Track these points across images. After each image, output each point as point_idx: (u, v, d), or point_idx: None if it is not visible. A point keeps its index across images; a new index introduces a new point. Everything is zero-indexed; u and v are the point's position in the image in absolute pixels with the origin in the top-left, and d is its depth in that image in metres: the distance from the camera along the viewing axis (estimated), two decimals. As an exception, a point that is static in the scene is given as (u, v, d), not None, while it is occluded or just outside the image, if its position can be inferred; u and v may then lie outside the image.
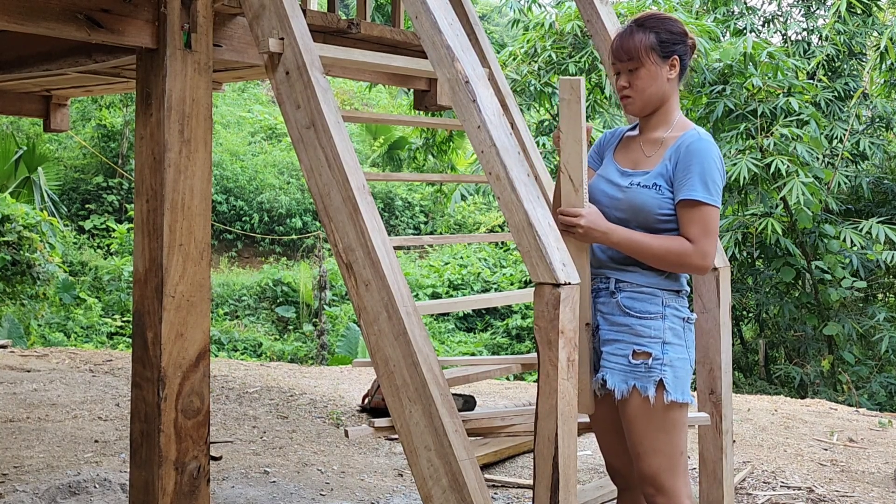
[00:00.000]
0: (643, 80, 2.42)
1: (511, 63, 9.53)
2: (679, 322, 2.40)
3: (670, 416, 2.36)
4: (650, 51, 2.41)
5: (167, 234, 2.99)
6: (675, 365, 2.36)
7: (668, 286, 2.40)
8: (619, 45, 2.46)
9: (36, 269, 10.58)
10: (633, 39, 2.43)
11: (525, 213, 2.27)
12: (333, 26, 3.73)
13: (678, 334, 2.39)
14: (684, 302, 2.44)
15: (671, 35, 2.44)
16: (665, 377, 2.34)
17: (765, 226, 8.33)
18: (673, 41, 2.44)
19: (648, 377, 2.34)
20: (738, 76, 8.71)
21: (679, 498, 2.38)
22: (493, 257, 17.89)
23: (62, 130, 5.54)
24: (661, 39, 2.42)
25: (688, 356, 2.41)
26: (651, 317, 2.37)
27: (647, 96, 2.44)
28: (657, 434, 2.36)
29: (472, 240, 3.77)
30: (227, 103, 21.99)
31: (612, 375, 2.39)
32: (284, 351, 15.40)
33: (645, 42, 2.42)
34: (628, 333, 2.38)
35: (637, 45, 2.42)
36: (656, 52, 2.42)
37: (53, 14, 2.87)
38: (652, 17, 2.48)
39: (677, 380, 2.36)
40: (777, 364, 10.07)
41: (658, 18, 2.47)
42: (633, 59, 2.42)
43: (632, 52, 2.42)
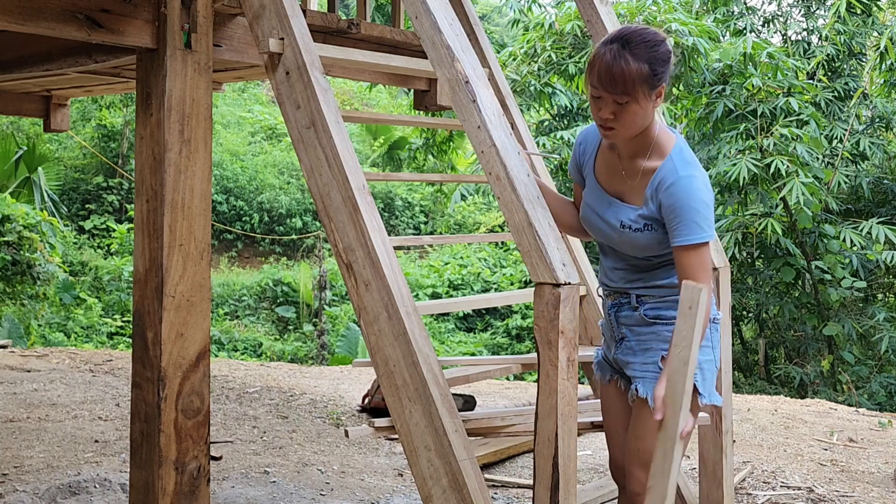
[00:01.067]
0: (633, 115, 2.22)
1: (511, 63, 9.53)
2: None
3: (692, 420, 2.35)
4: (643, 84, 2.19)
5: (167, 234, 2.99)
6: (703, 367, 2.34)
7: None
8: (610, 73, 2.19)
9: (36, 269, 10.58)
10: (625, 70, 2.18)
11: (525, 213, 2.27)
12: (333, 26, 3.73)
13: (705, 336, 2.35)
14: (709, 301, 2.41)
15: (663, 63, 2.22)
16: (696, 381, 2.32)
17: (765, 226, 8.34)
18: (664, 70, 2.23)
19: None
20: (738, 76, 8.72)
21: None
22: (493, 257, 17.89)
23: (62, 130, 5.54)
24: (655, 71, 2.21)
25: (713, 357, 2.39)
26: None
27: (633, 130, 2.26)
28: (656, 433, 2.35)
29: (472, 240, 3.77)
30: (227, 103, 22.00)
31: (643, 384, 2.35)
32: (284, 351, 15.40)
33: (640, 75, 2.18)
34: (656, 340, 2.35)
35: (632, 78, 2.18)
36: (648, 85, 2.20)
37: (53, 14, 2.87)
38: (641, 39, 2.22)
39: (705, 381, 2.35)
40: (777, 364, 10.07)
41: (648, 42, 2.22)
42: (625, 93, 2.20)
43: (626, 86, 2.19)
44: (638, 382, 2.37)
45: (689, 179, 2.24)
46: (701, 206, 2.23)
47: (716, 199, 9.55)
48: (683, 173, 2.25)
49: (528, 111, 10.75)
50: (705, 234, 2.23)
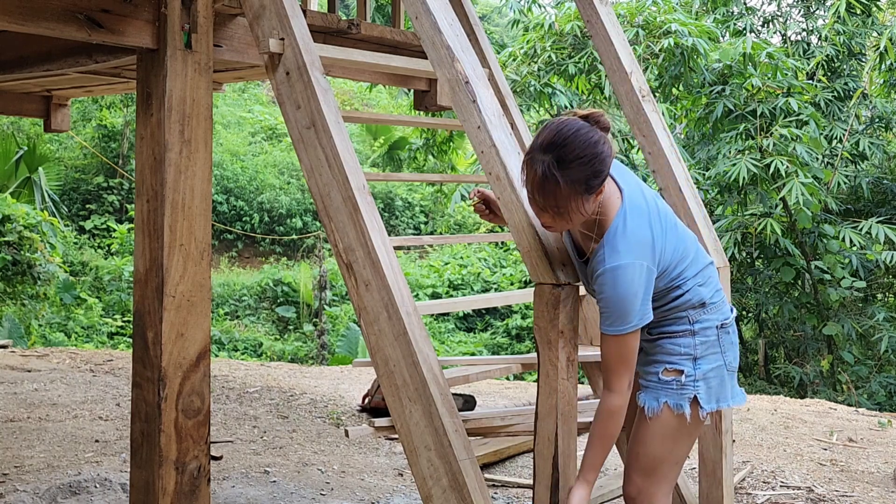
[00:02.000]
0: (572, 218, 2.16)
1: (511, 63, 9.54)
2: (712, 332, 2.35)
3: (694, 428, 2.37)
4: (578, 197, 2.11)
5: (168, 234, 2.99)
6: (710, 377, 2.34)
7: (691, 303, 2.33)
8: (542, 191, 2.11)
9: (36, 269, 10.58)
10: (557, 192, 2.09)
11: (525, 213, 2.27)
12: (333, 26, 3.73)
13: (712, 344, 2.35)
14: (715, 308, 2.37)
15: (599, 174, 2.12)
16: (699, 393, 2.32)
17: (764, 226, 8.34)
18: (596, 174, 2.11)
19: (682, 395, 2.32)
20: (738, 76, 8.73)
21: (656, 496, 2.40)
22: (493, 257, 17.90)
23: (63, 131, 5.54)
24: (590, 185, 2.11)
25: (723, 361, 2.37)
26: (681, 334, 2.33)
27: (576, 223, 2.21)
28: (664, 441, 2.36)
29: (472, 240, 3.78)
30: (227, 103, 22.00)
31: (645, 393, 2.37)
32: (285, 351, 15.41)
33: (576, 192, 2.10)
34: (661, 353, 2.35)
35: (564, 198, 2.10)
36: (585, 194, 2.12)
37: (54, 14, 2.87)
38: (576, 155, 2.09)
39: (710, 390, 2.34)
40: (777, 364, 10.08)
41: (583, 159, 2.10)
42: (558, 208, 2.13)
43: (558, 203, 2.12)
44: (640, 392, 2.39)
45: (614, 272, 2.16)
46: (623, 297, 2.16)
47: (716, 199, 9.56)
48: (609, 265, 2.17)
49: (528, 111, 10.75)
50: (622, 328, 2.18)
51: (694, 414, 2.33)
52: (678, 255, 2.31)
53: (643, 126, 3.15)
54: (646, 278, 2.20)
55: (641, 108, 3.18)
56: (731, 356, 2.40)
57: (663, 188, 3.14)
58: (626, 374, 2.22)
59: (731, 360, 2.40)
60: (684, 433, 2.36)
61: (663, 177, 3.13)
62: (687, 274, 2.33)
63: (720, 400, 2.37)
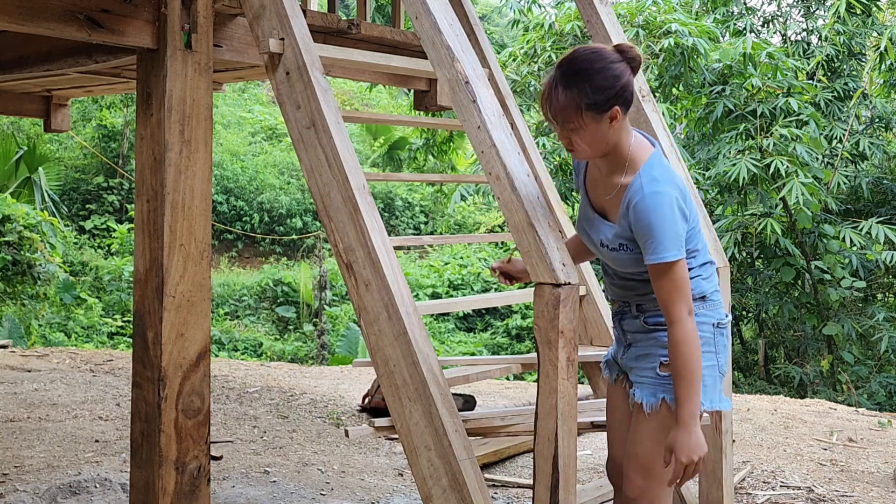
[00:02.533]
0: (585, 140, 2.25)
1: (511, 63, 9.54)
2: (708, 328, 2.35)
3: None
4: (583, 112, 2.21)
5: (168, 234, 2.99)
6: (703, 374, 2.31)
7: (693, 294, 2.31)
8: (547, 104, 2.25)
9: (36, 269, 10.58)
10: (560, 101, 2.21)
11: (525, 213, 2.27)
12: (333, 27, 3.73)
13: (707, 341, 2.34)
14: (713, 305, 2.37)
15: (604, 91, 2.20)
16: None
17: (764, 226, 8.34)
18: (607, 97, 2.20)
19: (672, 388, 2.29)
20: (738, 76, 8.73)
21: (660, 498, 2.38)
22: (493, 257, 17.89)
23: (63, 131, 5.55)
24: (594, 101, 2.20)
25: (716, 362, 2.36)
26: None
27: (593, 150, 2.28)
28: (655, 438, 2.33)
29: (472, 240, 3.78)
30: (227, 103, 22.00)
31: (641, 389, 2.36)
32: (285, 351, 15.41)
33: (574, 106, 2.20)
34: (656, 346, 2.34)
35: (566, 108, 2.21)
36: (591, 112, 2.21)
37: (54, 14, 2.87)
38: (580, 69, 2.21)
39: (705, 388, 2.32)
40: (777, 364, 10.08)
41: (587, 72, 2.21)
42: (565, 122, 2.23)
43: (562, 116, 2.23)
44: (636, 388, 2.37)
45: (654, 197, 2.21)
46: (667, 222, 2.19)
47: (716, 199, 9.56)
48: (648, 190, 2.21)
49: (528, 111, 10.76)
50: (667, 255, 2.18)
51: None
52: (694, 233, 2.34)
53: (643, 126, 3.15)
54: (679, 212, 2.22)
55: (641, 108, 3.18)
56: (723, 359, 2.39)
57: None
58: (682, 302, 2.20)
59: (723, 364, 2.39)
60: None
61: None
62: (694, 261, 2.34)
63: (713, 401, 2.35)
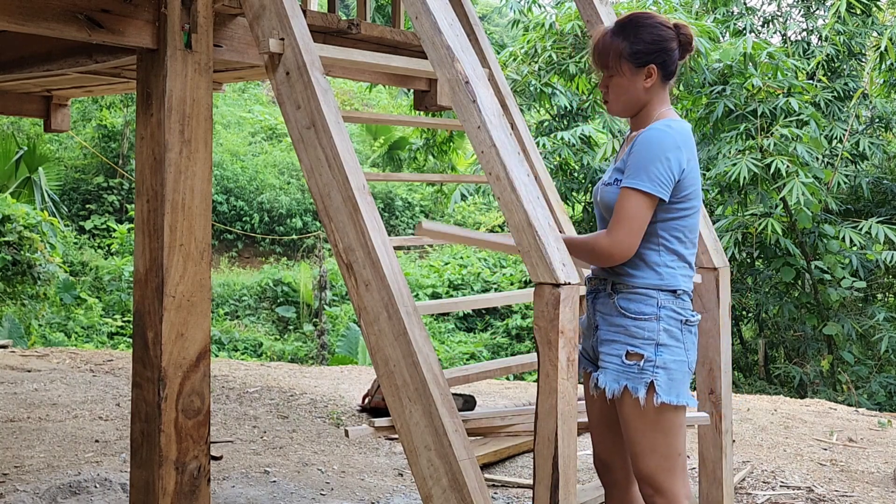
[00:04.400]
0: (618, 87, 2.43)
1: (511, 63, 9.54)
2: (676, 324, 2.37)
3: (664, 418, 2.36)
4: (623, 60, 2.40)
5: (168, 234, 2.99)
6: (670, 367, 2.34)
7: (664, 285, 2.36)
8: (595, 49, 2.45)
9: (36, 269, 10.58)
10: (605, 46, 2.42)
11: (525, 213, 2.27)
12: (333, 27, 3.73)
13: (675, 336, 2.36)
14: (684, 303, 2.40)
15: (645, 44, 2.39)
16: (657, 379, 2.32)
17: (764, 226, 8.34)
18: (647, 51, 2.39)
19: (640, 378, 2.33)
20: (738, 76, 8.72)
21: (677, 498, 2.38)
22: (493, 257, 17.89)
23: (63, 131, 5.55)
24: (634, 50, 2.39)
25: (686, 358, 2.38)
26: (645, 318, 2.35)
27: (623, 103, 2.45)
28: (653, 434, 2.35)
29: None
30: (227, 103, 22.00)
31: (604, 374, 2.39)
32: (285, 351, 15.40)
33: (616, 51, 2.40)
34: (623, 334, 2.37)
35: (609, 52, 2.41)
36: (629, 63, 2.40)
37: (54, 14, 2.87)
38: (632, 21, 2.43)
39: (671, 382, 2.34)
40: (777, 364, 10.07)
41: (636, 25, 2.41)
42: (605, 66, 2.43)
43: (605, 59, 2.42)
44: (600, 372, 2.41)
45: (658, 132, 2.33)
46: (654, 158, 2.29)
47: (716, 199, 9.56)
48: (656, 127, 2.35)
49: (528, 111, 10.76)
50: (639, 183, 2.28)
51: (649, 400, 2.33)
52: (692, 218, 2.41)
53: (643, 126, 3.15)
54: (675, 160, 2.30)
55: (641, 108, 3.17)
56: (692, 357, 2.42)
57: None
58: (625, 229, 2.29)
59: (692, 361, 2.42)
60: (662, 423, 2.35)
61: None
62: (682, 249, 2.40)
63: (679, 395, 2.36)
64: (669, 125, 2.35)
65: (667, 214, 2.36)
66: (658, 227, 2.36)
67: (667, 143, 2.31)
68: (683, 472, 2.40)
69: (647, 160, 2.29)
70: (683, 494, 2.39)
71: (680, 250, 2.40)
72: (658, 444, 2.35)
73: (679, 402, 2.35)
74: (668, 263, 2.37)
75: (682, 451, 2.40)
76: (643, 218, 2.30)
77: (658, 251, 2.37)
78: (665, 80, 2.43)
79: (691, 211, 2.40)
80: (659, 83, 2.42)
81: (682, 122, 2.41)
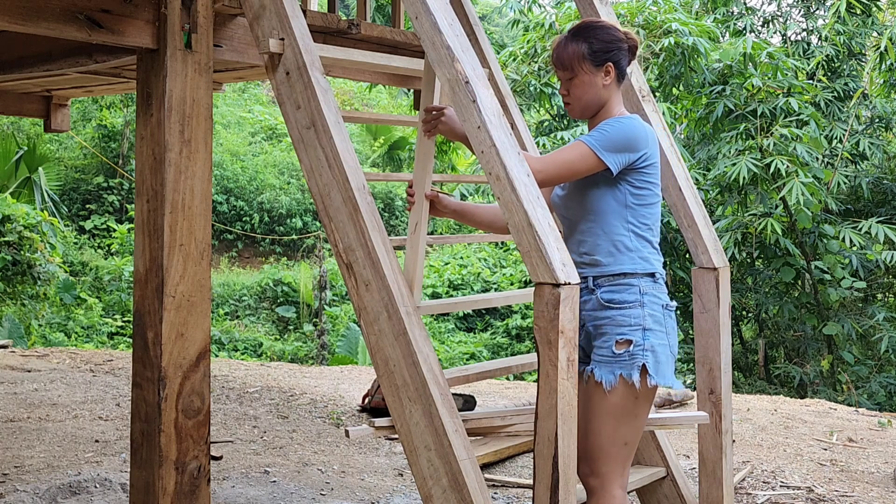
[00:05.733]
0: (579, 88, 2.54)
1: (511, 63, 9.53)
2: (659, 309, 2.48)
3: (634, 405, 2.44)
4: (583, 60, 2.52)
5: (168, 234, 2.99)
6: (657, 350, 2.44)
7: (643, 269, 2.48)
8: (555, 55, 2.57)
9: (36, 269, 10.58)
10: (566, 50, 2.54)
11: (525, 213, 2.27)
12: (333, 27, 3.73)
13: (658, 321, 2.47)
14: (662, 288, 2.52)
15: (603, 44, 2.53)
16: (647, 362, 2.42)
17: (764, 226, 8.33)
18: (605, 49, 2.53)
19: (632, 364, 2.42)
20: (738, 76, 8.72)
21: (611, 484, 2.46)
22: (493, 257, 17.89)
23: (63, 131, 5.55)
24: (593, 49, 2.52)
25: (668, 342, 2.48)
26: (630, 305, 2.44)
27: (585, 103, 2.56)
28: (607, 419, 2.43)
29: (472, 240, 3.77)
30: (227, 103, 21.99)
31: (599, 368, 2.46)
32: (285, 351, 15.40)
33: (577, 52, 2.53)
34: (611, 325, 2.46)
35: (570, 55, 2.53)
36: (589, 62, 2.52)
37: (54, 14, 2.87)
38: (586, 26, 2.57)
39: (658, 364, 2.44)
40: (777, 364, 10.07)
41: (591, 27, 2.56)
42: (567, 69, 2.54)
43: (565, 62, 2.54)
44: (594, 366, 2.47)
45: (630, 118, 2.51)
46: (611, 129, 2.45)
47: (716, 199, 9.55)
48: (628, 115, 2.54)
49: (528, 111, 10.75)
50: (591, 140, 2.43)
51: (643, 384, 2.42)
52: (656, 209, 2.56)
53: (643, 126, 3.15)
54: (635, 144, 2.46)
55: (641, 108, 3.18)
56: (673, 340, 2.52)
57: (663, 188, 3.14)
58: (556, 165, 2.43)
59: (674, 345, 2.52)
60: (632, 410, 2.44)
61: (663, 177, 3.13)
62: (650, 236, 2.53)
63: (665, 377, 2.46)
64: (639, 119, 2.53)
65: (635, 200, 2.50)
66: (627, 213, 2.49)
67: (624, 124, 2.47)
68: (625, 461, 2.49)
69: (612, 133, 2.44)
70: (619, 483, 2.47)
71: (648, 237, 2.53)
72: (609, 426, 2.44)
73: (665, 383, 2.46)
74: (641, 248, 2.50)
75: (629, 441, 2.48)
76: (577, 169, 2.45)
77: (629, 236, 2.49)
78: (619, 80, 2.58)
79: (656, 200, 2.55)
80: (615, 82, 2.56)
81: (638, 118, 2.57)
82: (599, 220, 2.50)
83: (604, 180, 2.48)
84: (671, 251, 9.63)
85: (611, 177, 2.47)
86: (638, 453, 3.27)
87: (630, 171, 2.48)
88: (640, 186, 2.50)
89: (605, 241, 2.48)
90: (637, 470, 3.19)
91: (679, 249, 9.60)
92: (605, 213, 2.49)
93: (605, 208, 2.49)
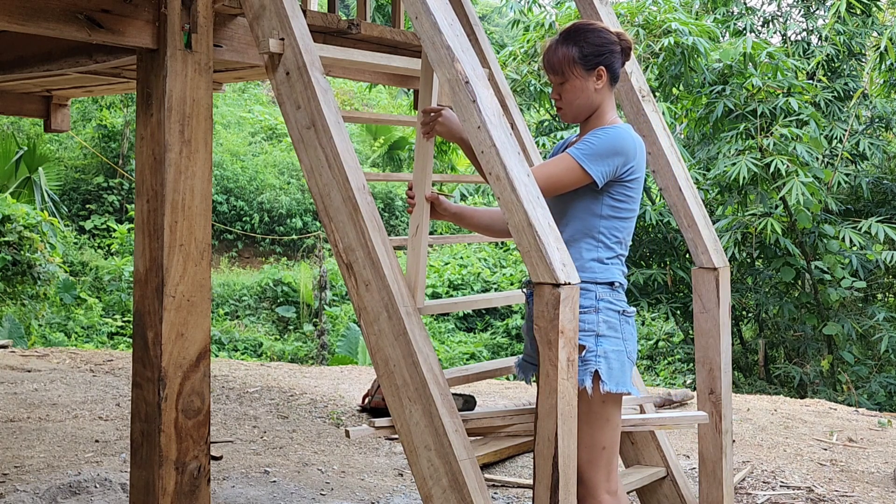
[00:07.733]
0: (570, 92, 2.53)
1: (511, 63, 9.54)
2: (615, 315, 2.46)
3: (602, 410, 2.43)
4: (574, 65, 2.51)
5: (168, 234, 2.99)
6: (610, 356, 2.42)
7: (602, 278, 2.47)
8: (546, 59, 2.56)
9: (36, 269, 10.58)
10: (557, 54, 2.52)
11: (525, 213, 2.27)
12: (333, 27, 3.73)
13: (613, 327, 2.45)
14: (620, 295, 2.51)
15: (594, 47, 2.51)
16: (600, 368, 2.40)
17: (764, 226, 8.33)
18: (596, 53, 2.51)
19: (584, 369, 2.40)
20: (738, 76, 8.72)
21: (597, 490, 2.45)
22: (493, 257, 17.89)
23: (63, 131, 5.55)
24: (584, 53, 2.50)
25: (624, 348, 2.46)
26: (584, 311, 2.43)
27: (577, 107, 2.54)
28: (581, 426, 2.41)
29: (473, 240, 3.78)
30: (227, 103, 21.99)
31: None
32: (285, 351, 15.40)
33: (568, 56, 2.51)
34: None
35: (561, 59, 2.52)
36: (580, 66, 2.51)
37: (54, 14, 2.87)
38: (576, 29, 2.54)
39: (611, 371, 2.42)
40: (776, 364, 10.07)
41: (582, 31, 2.53)
42: (558, 73, 2.52)
43: (556, 66, 2.52)
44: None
45: (621, 129, 2.49)
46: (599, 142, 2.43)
47: (716, 199, 9.56)
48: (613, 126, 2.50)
49: (528, 111, 10.75)
50: (579, 155, 2.42)
51: (595, 389, 2.40)
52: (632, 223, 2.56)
53: (643, 126, 3.15)
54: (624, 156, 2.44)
55: (641, 107, 3.18)
56: (630, 346, 2.50)
57: (663, 188, 3.14)
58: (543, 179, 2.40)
59: (631, 351, 2.50)
60: (597, 414, 2.43)
61: (663, 177, 3.13)
62: (619, 250, 2.52)
63: (620, 384, 2.43)
64: (629, 130, 2.51)
65: (611, 212, 2.49)
66: (601, 223, 2.48)
67: (613, 136, 2.45)
68: (608, 466, 2.47)
69: (600, 145, 2.43)
70: (604, 488, 2.46)
71: (617, 250, 2.52)
72: (584, 435, 2.42)
73: (619, 389, 2.43)
74: (605, 260, 2.49)
75: (608, 446, 2.47)
76: (564, 183, 2.44)
77: (597, 248, 2.49)
78: (612, 83, 2.56)
79: (632, 215, 2.53)
80: (607, 86, 2.54)
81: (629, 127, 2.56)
82: (570, 227, 2.49)
83: (585, 188, 2.47)
84: (671, 251, 9.63)
85: (596, 189, 2.46)
86: (638, 453, 3.27)
87: (613, 183, 2.47)
88: (619, 199, 2.49)
89: (572, 249, 2.47)
90: (637, 470, 3.19)
91: (679, 249, 9.60)
92: (579, 220, 2.49)
93: (580, 215, 2.49)
